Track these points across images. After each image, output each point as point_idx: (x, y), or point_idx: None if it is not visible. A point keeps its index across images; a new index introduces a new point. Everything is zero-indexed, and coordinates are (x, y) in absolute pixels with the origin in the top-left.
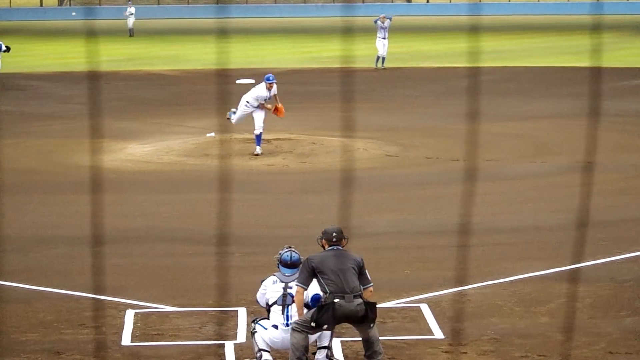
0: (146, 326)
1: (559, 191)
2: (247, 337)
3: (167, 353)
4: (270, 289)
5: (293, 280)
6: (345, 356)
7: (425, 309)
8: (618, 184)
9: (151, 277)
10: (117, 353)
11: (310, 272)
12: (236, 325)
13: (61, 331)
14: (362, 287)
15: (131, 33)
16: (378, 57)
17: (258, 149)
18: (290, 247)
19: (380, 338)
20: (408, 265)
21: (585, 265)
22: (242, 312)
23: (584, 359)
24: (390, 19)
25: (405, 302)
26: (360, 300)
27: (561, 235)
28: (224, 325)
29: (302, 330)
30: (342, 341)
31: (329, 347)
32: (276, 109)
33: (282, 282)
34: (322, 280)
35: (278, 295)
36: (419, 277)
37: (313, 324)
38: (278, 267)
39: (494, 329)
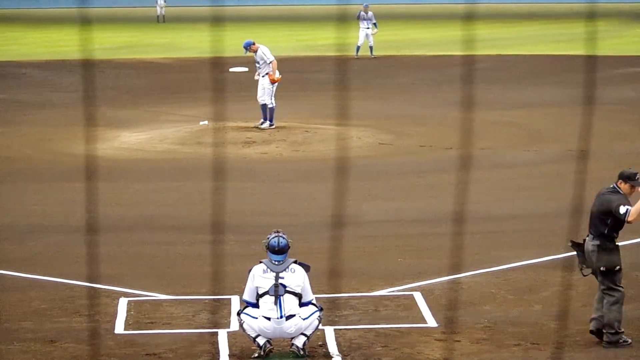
0: (139, 314)
1: (552, 179)
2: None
3: (160, 341)
4: (259, 277)
5: (284, 270)
6: (338, 344)
7: (418, 297)
8: (612, 172)
9: (145, 265)
10: (110, 341)
11: None
12: (229, 313)
13: (55, 319)
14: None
15: (160, 19)
16: (358, 47)
17: (263, 124)
18: (278, 232)
19: (373, 326)
20: (401, 253)
21: None
22: (235, 300)
23: (577, 347)
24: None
25: (398, 290)
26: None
27: (555, 223)
28: (217, 314)
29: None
30: (335, 329)
31: (308, 337)
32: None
33: (273, 271)
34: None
35: (269, 285)
36: (412, 265)
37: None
38: (266, 253)
39: (487, 317)
